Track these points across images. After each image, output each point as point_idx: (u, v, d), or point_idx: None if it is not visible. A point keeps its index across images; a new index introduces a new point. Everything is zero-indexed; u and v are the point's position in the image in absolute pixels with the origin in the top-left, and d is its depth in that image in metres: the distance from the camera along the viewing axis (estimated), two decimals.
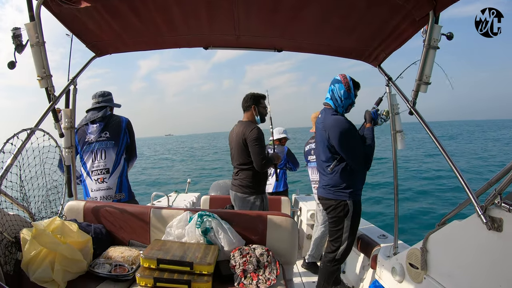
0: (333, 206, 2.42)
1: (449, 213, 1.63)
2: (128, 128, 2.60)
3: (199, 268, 1.64)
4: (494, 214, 1.24)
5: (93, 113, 2.55)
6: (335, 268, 2.48)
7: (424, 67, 1.74)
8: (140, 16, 1.89)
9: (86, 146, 2.46)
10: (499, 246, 1.22)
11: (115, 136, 2.50)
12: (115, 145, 2.48)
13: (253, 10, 1.89)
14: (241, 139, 2.67)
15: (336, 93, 2.36)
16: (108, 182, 2.44)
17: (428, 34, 1.67)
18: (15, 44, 1.68)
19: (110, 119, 2.56)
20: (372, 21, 1.87)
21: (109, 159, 2.45)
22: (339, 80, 2.35)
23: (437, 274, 1.60)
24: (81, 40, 2.13)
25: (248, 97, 2.84)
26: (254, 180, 2.74)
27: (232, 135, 2.87)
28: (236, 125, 2.85)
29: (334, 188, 2.40)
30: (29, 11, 1.67)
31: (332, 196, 2.42)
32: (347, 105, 2.39)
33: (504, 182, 1.20)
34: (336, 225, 2.43)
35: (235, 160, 2.81)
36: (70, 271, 1.60)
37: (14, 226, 1.69)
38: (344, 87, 2.33)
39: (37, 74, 1.78)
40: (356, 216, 2.40)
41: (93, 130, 2.47)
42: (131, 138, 2.61)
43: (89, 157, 2.45)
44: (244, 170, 2.74)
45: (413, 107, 1.85)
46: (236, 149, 2.76)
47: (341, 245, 2.42)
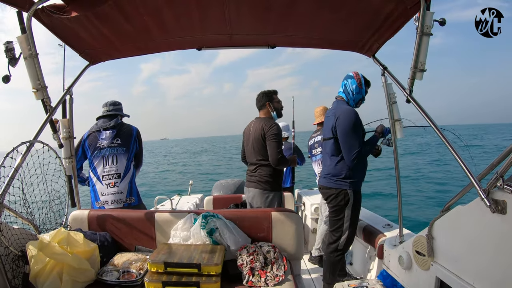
0: (334, 195, 2.45)
1: (452, 199, 1.63)
2: (138, 137, 2.70)
3: (207, 269, 1.65)
4: (497, 196, 1.24)
5: (104, 120, 2.61)
6: (338, 258, 2.50)
7: (418, 54, 1.74)
8: (131, 21, 1.88)
9: (97, 151, 2.51)
10: (504, 228, 1.23)
11: (126, 143, 2.57)
12: (126, 152, 2.55)
13: (244, 8, 1.88)
14: (260, 134, 2.67)
15: (348, 87, 2.47)
16: (120, 186, 2.49)
17: (421, 21, 1.67)
18: (8, 58, 1.67)
19: (121, 127, 2.64)
20: (363, 11, 1.86)
21: (120, 164, 2.51)
22: (351, 76, 2.48)
23: (444, 260, 1.60)
24: (74, 49, 2.12)
25: (260, 95, 2.85)
26: (273, 175, 2.75)
27: (248, 131, 2.87)
28: (254, 121, 2.85)
29: (335, 177, 2.44)
30: (20, 24, 1.66)
31: (332, 185, 2.46)
32: (358, 99, 2.50)
33: (505, 165, 1.20)
34: (337, 214, 2.46)
35: (253, 156, 2.80)
36: (78, 280, 1.61)
37: (19, 240, 1.69)
38: (356, 82, 2.45)
39: (32, 86, 1.78)
40: (356, 205, 2.43)
41: (106, 136, 2.53)
42: (140, 146, 2.70)
43: (100, 162, 2.50)
44: (264, 166, 2.74)
45: (409, 95, 1.85)
46: (254, 145, 2.75)
47: (342, 234, 2.45)
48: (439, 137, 1.65)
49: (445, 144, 1.61)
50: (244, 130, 2.97)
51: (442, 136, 1.63)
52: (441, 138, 1.63)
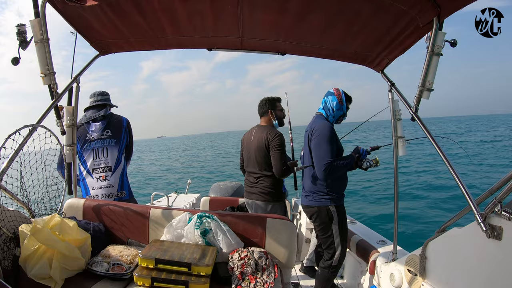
0: (316, 213, 2.43)
1: (449, 220, 1.63)
2: (128, 128, 2.62)
3: (197, 269, 1.64)
4: (494, 222, 1.24)
5: (93, 111, 2.54)
6: (332, 274, 2.48)
7: (427, 74, 1.74)
8: (145, 15, 1.89)
9: (87, 144, 2.45)
10: (498, 254, 1.22)
11: (116, 135, 2.50)
12: (116, 144, 2.48)
13: (258, 13, 1.89)
14: (264, 144, 2.61)
15: (329, 104, 2.49)
16: (110, 180, 2.44)
17: (432, 40, 1.68)
18: (20, 40, 1.69)
19: (111, 118, 2.56)
20: (376, 26, 1.87)
21: (111, 157, 2.45)
22: (332, 93, 2.50)
23: (436, 281, 1.59)
24: (85, 38, 2.13)
25: (263, 102, 2.80)
26: (276, 186, 2.69)
27: (248, 139, 2.79)
28: (255, 130, 2.78)
29: (315, 194, 2.43)
30: (34, 7, 1.68)
31: (313, 203, 2.45)
32: (338, 116, 2.51)
33: (504, 191, 1.19)
34: (325, 232, 2.44)
35: (256, 166, 2.71)
36: (68, 268, 1.60)
37: (13, 221, 1.69)
38: (336, 99, 2.47)
39: (41, 71, 1.79)
40: (342, 220, 2.41)
41: (95, 128, 2.47)
42: (130, 137, 2.63)
43: (90, 155, 2.44)
44: (267, 177, 2.67)
45: (415, 113, 1.85)
46: (256, 154, 2.68)
47: (336, 251, 2.43)
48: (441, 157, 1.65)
49: (447, 165, 1.60)
50: (244, 137, 2.90)
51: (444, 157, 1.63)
52: (443, 159, 1.63)
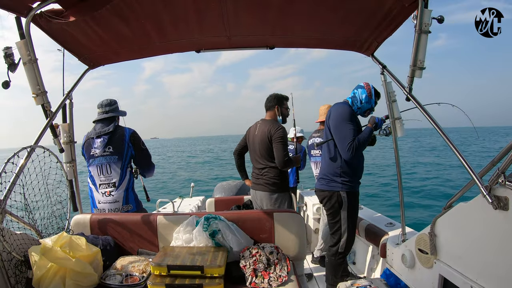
0: (327, 197, 2.46)
1: (454, 196, 1.63)
2: (132, 141, 2.50)
3: (210, 271, 1.64)
4: (499, 193, 1.24)
5: (101, 126, 2.48)
6: (340, 261, 2.49)
7: (417, 52, 1.74)
8: (129, 25, 1.88)
9: (92, 160, 2.45)
10: (506, 225, 1.23)
11: (118, 150, 2.44)
12: (119, 160, 2.43)
13: (242, 10, 1.88)
14: (267, 137, 2.70)
15: (358, 96, 2.52)
16: (115, 195, 2.42)
17: (419, 19, 1.67)
18: (8, 64, 1.68)
19: (114, 133, 2.48)
20: (361, 10, 1.86)
21: (114, 174, 2.42)
22: (362, 86, 2.54)
23: (447, 257, 1.60)
24: (73, 54, 2.13)
25: (271, 97, 2.90)
26: (280, 177, 2.77)
27: (253, 133, 2.89)
28: (260, 124, 2.87)
29: (327, 178, 2.45)
30: (18, 29, 1.66)
31: (325, 187, 2.47)
32: (366, 108, 2.53)
33: (506, 161, 1.19)
34: (333, 217, 2.46)
35: (260, 158, 2.82)
36: (81, 285, 1.60)
37: (22, 245, 1.69)
38: (366, 92, 2.50)
39: (32, 91, 1.78)
40: (352, 207, 2.41)
41: (98, 145, 2.43)
42: (137, 150, 2.52)
43: (95, 170, 2.44)
44: (271, 168, 2.76)
45: (409, 93, 1.85)
46: (260, 147, 2.78)
47: (341, 237, 2.44)
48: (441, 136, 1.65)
49: (446, 141, 1.60)
50: (249, 129, 2.99)
51: (443, 133, 1.63)
52: (442, 135, 1.63)
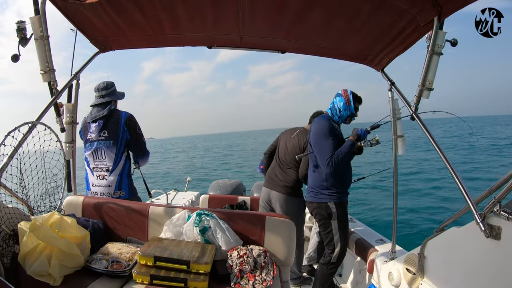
0: (316, 209, 2.47)
1: (448, 220, 1.63)
2: (128, 125, 2.47)
3: (196, 267, 1.64)
4: (493, 222, 1.24)
5: (97, 110, 2.46)
6: (331, 271, 2.49)
7: (427, 73, 1.74)
8: (145, 13, 1.89)
9: (88, 144, 2.45)
10: (497, 254, 1.22)
11: (113, 135, 2.42)
12: (113, 144, 2.42)
13: (258, 11, 1.89)
14: (302, 146, 2.88)
15: (336, 104, 2.52)
16: (108, 179, 2.42)
17: (432, 40, 1.67)
18: (19, 37, 1.68)
19: (109, 117, 2.46)
20: (376, 25, 1.87)
21: (108, 158, 2.42)
22: (340, 94, 2.54)
23: (434, 280, 1.60)
24: (85, 35, 2.13)
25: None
26: (298, 183, 2.92)
27: (289, 135, 3.07)
28: (299, 130, 3.06)
29: (315, 191, 2.48)
30: (34, 4, 1.67)
31: (314, 199, 2.49)
32: (346, 116, 2.53)
33: (504, 190, 1.19)
34: (325, 228, 2.47)
35: (287, 159, 2.95)
36: (67, 265, 1.60)
37: (12, 219, 1.69)
38: (343, 99, 2.49)
39: (40, 68, 1.79)
40: (341, 217, 2.42)
41: (93, 130, 2.43)
42: (132, 134, 2.49)
43: (90, 154, 2.45)
44: (294, 171, 2.90)
45: (415, 112, 1.85)
46: (292, 150, 2.94)
47: (335, 247, 2.44)
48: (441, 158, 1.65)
49: (446, 164, 1.60)
50: (285, 132, 3.17)
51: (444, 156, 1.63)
52: (442, 159, 1.63)
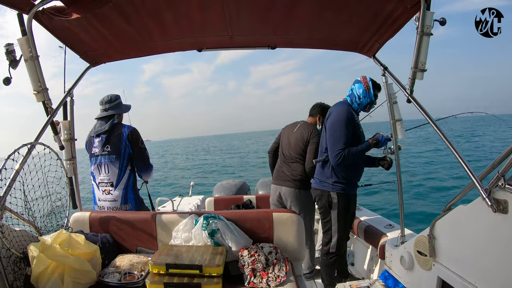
0: (318, 196, 2.48)
1: (454, 198, 1.63)
2: (130, 139, 2.44)
3: (208, 270, 1.64)
4: (499, 196, 1.24)
5: (101, 123, 2.46)
6: (331, 261, 2.48)
7: (419, 54, 1.74)
8: (131, 23, 1.88)
9: (93, 158, 2.46)
10: (505, 228, 1.22)
11: (116, 150, 2.41)
12: (116, 159, 2.41)
13: (244, 9, 1.88)
14: (306, 138, 2.86)
15: (355, 91, 2.48)
16: (113, 194, 2.42)
17: (421, 21, 1.67)
18: (9, 60, 1.68)
19: (112, 131, 2.43)
20: (364, 12, 1.87)
21: (112, 173, 2.41)
22: (359, 81, 2.49)
23: (446, 259, 1.60)
24: (75, 51, 2.13)
25: (317, 105, 3.06)
26: (306, 175, 2.88)
27: (291, 130, 3.05)
28: (301, 124, 3.03)
29: (320, 178, 2.48)
30: (20, 26, 1.67)
31: (318, 186, 2.50)
32: (365, 103, 2.47)
33: (506, 164, 1.19)
34: (324, 216, 2.48)
35: (291, 153, 2.94)
36: (80, 282, 1.61)
37: (21, 241, 1.69)
38: (363, 86, 2.45)
39: (33, 88, 1.78)
40: (343, 209, 2.38)
41: (97, 144, 2.43)
42: (134, 148, 2.45)
43: (95, 169, 2.45)
44: (300, 164, 2.88)
45: (410, 94, 1.85)
46: (296, 144, 2.93)
47: (332, 237, 2.43)
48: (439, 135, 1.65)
49: (446, 143, 1.60)
50: (286, 126, 3.14)
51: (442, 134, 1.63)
52: (441, 137, 1.63)
